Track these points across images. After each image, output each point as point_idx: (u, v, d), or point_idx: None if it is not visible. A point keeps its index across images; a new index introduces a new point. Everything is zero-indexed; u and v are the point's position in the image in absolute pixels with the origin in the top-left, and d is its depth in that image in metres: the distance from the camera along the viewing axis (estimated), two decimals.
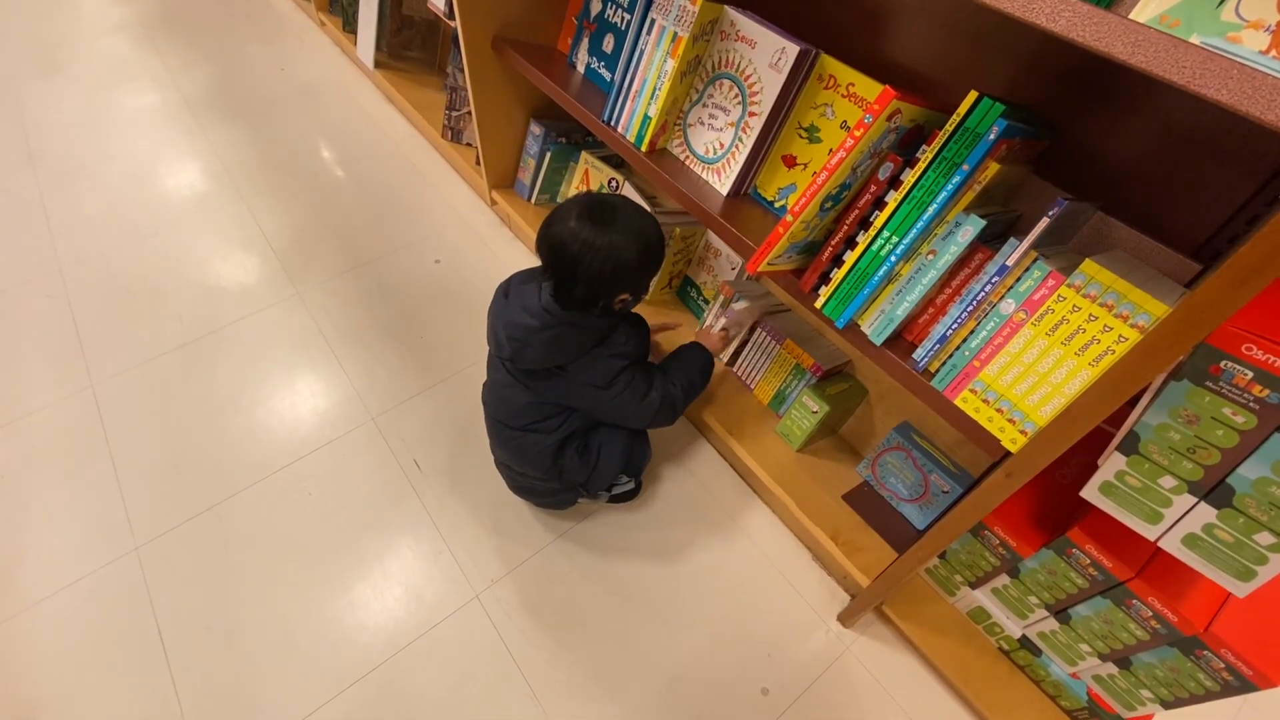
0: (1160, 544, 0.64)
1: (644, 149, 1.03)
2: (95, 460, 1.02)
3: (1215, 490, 0.58)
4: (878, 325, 0.80)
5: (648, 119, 1.01)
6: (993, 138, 0.66)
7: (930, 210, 0.71)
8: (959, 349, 0.74)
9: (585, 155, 1.41)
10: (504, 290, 0.91)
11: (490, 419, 0.97)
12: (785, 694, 0.93)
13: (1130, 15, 0.63)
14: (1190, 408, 0.57)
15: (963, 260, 0.74)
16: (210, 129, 1.70)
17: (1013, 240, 0.70)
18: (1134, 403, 0.66)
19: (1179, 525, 0.62)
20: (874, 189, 0.78)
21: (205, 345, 1.20)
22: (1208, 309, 0.48)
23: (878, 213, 0.76)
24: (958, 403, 0.74)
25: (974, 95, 0.66)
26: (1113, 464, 0.64)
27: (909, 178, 0.73)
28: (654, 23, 0.95)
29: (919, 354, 0.78)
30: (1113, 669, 0.83)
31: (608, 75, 1.17)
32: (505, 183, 1.56)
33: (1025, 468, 0.67)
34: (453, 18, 1.25)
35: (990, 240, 0.74)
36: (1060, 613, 0.85)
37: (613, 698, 0.89)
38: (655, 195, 1.34)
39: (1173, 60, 0.47)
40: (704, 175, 1.02)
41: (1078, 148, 0.80)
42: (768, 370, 1.19)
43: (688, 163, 1.04)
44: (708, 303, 1.32)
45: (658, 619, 0.97)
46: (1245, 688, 0.72)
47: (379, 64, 1.90)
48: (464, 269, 1.46)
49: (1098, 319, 0.64)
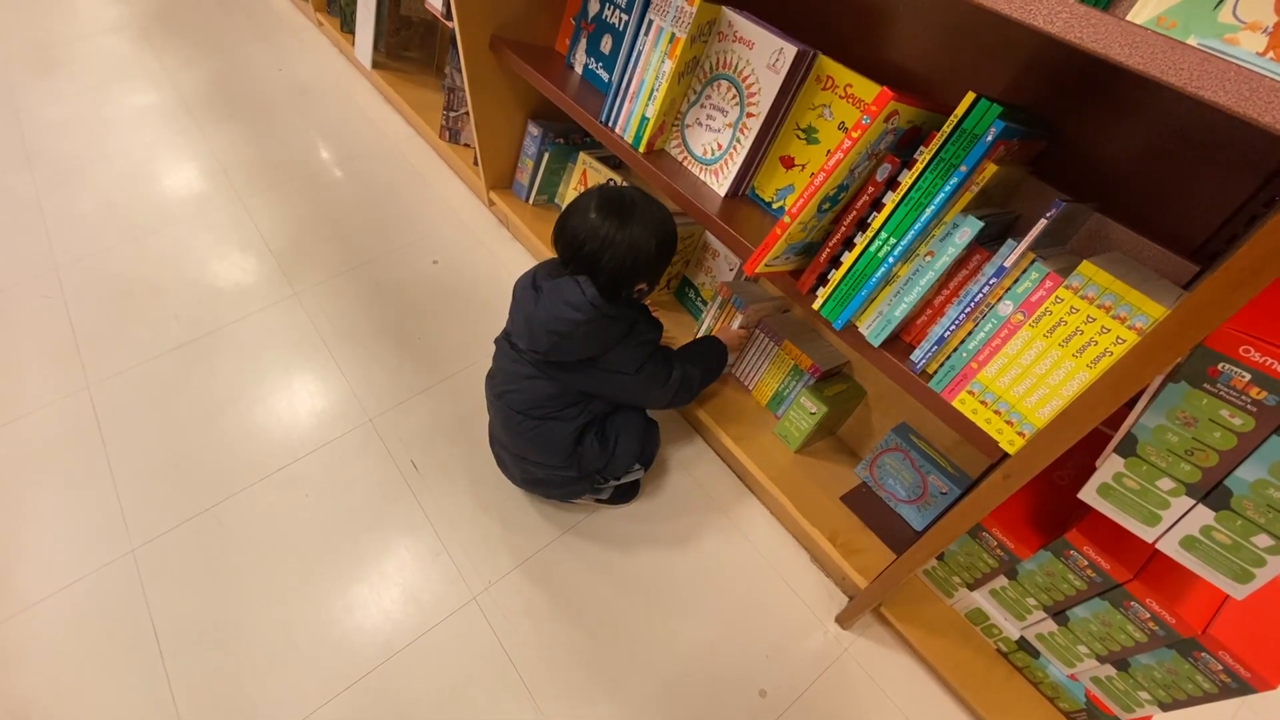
0: (1158, 546, 0.64)
1: (642, 150, 1.02)
2: (91, 461, 1.02)
3: (1213, 492, 0.58)
4: (875, 326, 0.80)
5: (645, 120, 1.00)
6: (990, 139, 0.66)
7: (928, 211, 0.71)
8: (957, 350, 0.74)
9: (583, 156, 1.41)
10: (531, 285, 0.90)
11: (507, 411, 0.95)
12: (783, 696, 0.93)
13: (1128, 17, 0.63)
14: (1188, 410, 0.57)
15: (960, 261, 0.74)
16: (208, 128, 1.70)
17: (1010, 241, 0.69)
18: (1132, 404, 0.66)
19: (1177, 527, 0.62)
20: (872, 190, 0.78)
21: (202, 346, 1.20)
22: (1206, 311, 0.48)
23: (875, 214, 0.76)
24: (955, 404, 0.74)
25: (971, 96, 0.66)
26: (1110, 466, 0.64)
27: (907, 179, 0.72)
28: (651, 24, 0.95)
29: (917, 355, 0.78)
30: (1111, 671, 0.83)
31: (605, 76, 1.17)
32: (503, 183, 1.56)
33: (1023, 469, 0.67)
34: (450, 18, 1.24)
35: (988, 241, 0.74)
36: (1058, 614, 0.85)
37: (611, 699, 0.89)
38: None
39: (1170, 62, 0.47)
40: (702, 176, 1.02)
41: (1075, 149, 0.80)
42: (766, 371, 1.19)
43: (686, 163, 1.04)
44: (706, 304, 1.32)
45: (655, 621, 0.97)
46: (1243, 690, 0.72)
47: (377, 64, 1.90)
48: (462, 269, 1.46)
49: (1095, 320, 0.64)
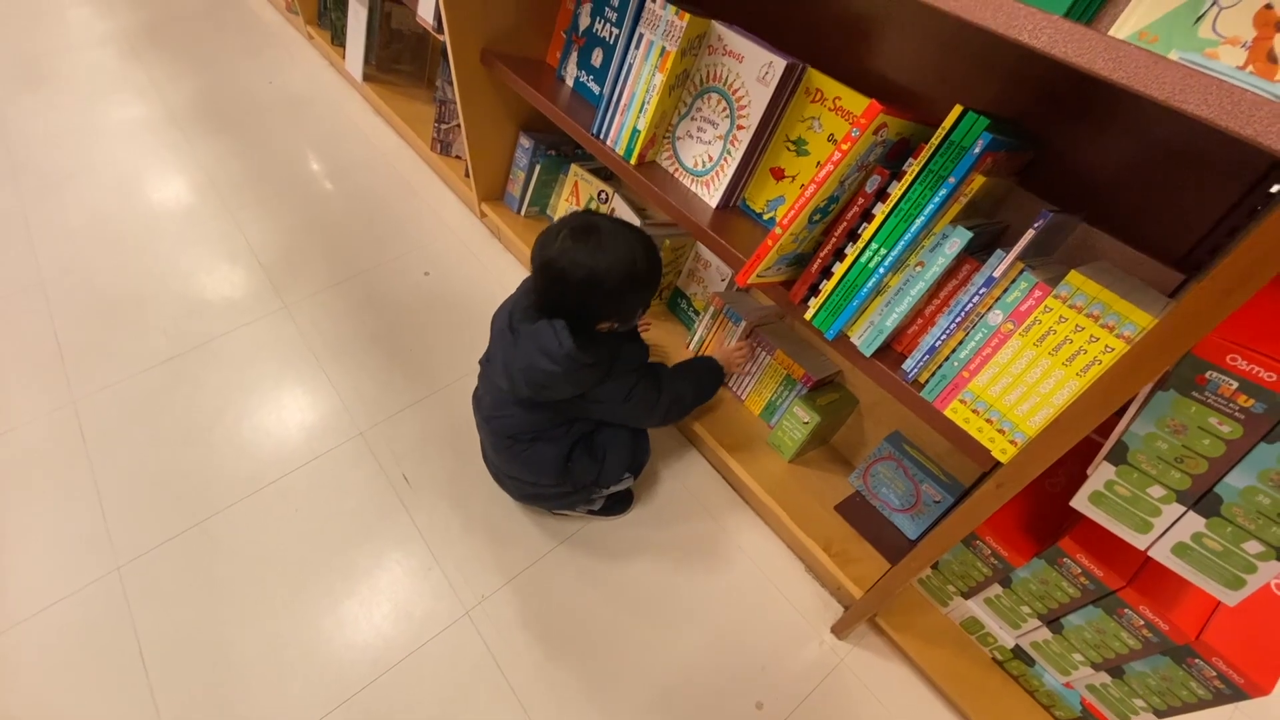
0: (1150, 553, 0.65)
1: (633, 162, 1.03)
2: (76, 477, 1.00)
3: (1203, 499, 0.59)
4: (867, 336, 0.80)
5: (636, 132, 1.01)
6: (978, 151, 0.67)
7: (917, 222, 0.72)
8: (948, 360, 0.74)
9: (575, 168, 1.41)
10: (508, 328, 0.88)
11: (495, 436, 0.96)
12: (780, 707, 0.92)
13: (1110, 31, 0.64)
14: (1177, 417, 0.57)
15: (950, 272, 0.75)
16: (197, 141, 1.69)
17: (999, 252, 0.70)
18: (1122, 412, 0.66)
19: (1169, 534, 0.62)
20: (862, 201, 0.78)
21: (190, 360, 1.19)
22: (1193, 320, 0.49)
23: (866, 225, 0.77)
24: (947, 413, 0.74)
25: (959, 109, 0.67)
26: (1102, 474, 0.64)
27: (896, 190, 0.73)
28: (642, 37, 0.95)
29: (908, 365, 0.78)
30: (1106, 678, 0.83)
31: (596, 89, 1.18)
32: (495, 195, 1.56)
33: (1015, 478, 0.67)
34: (441, 31, 1.25)
35: (977, 251, 0.75)
36: (1053, 622, 0.85)
37: (605, 713, 0.88)
38: (645, 207, 1.35)
39: (1153, 76, 0.48)
40: (693, 187, 1.03)
41: (1062, 160, 0.81)
42: (759, 381, 1.19)
43: (677, 175, 1.04)
44: (698, 314, 1.32)
45: (650, 633, 0.97)
46: (1237, 696, 0.72)
47: (368, 77, 1.90)
48: (454, 281, 1.45)
49: (1084, 329, 0.64)
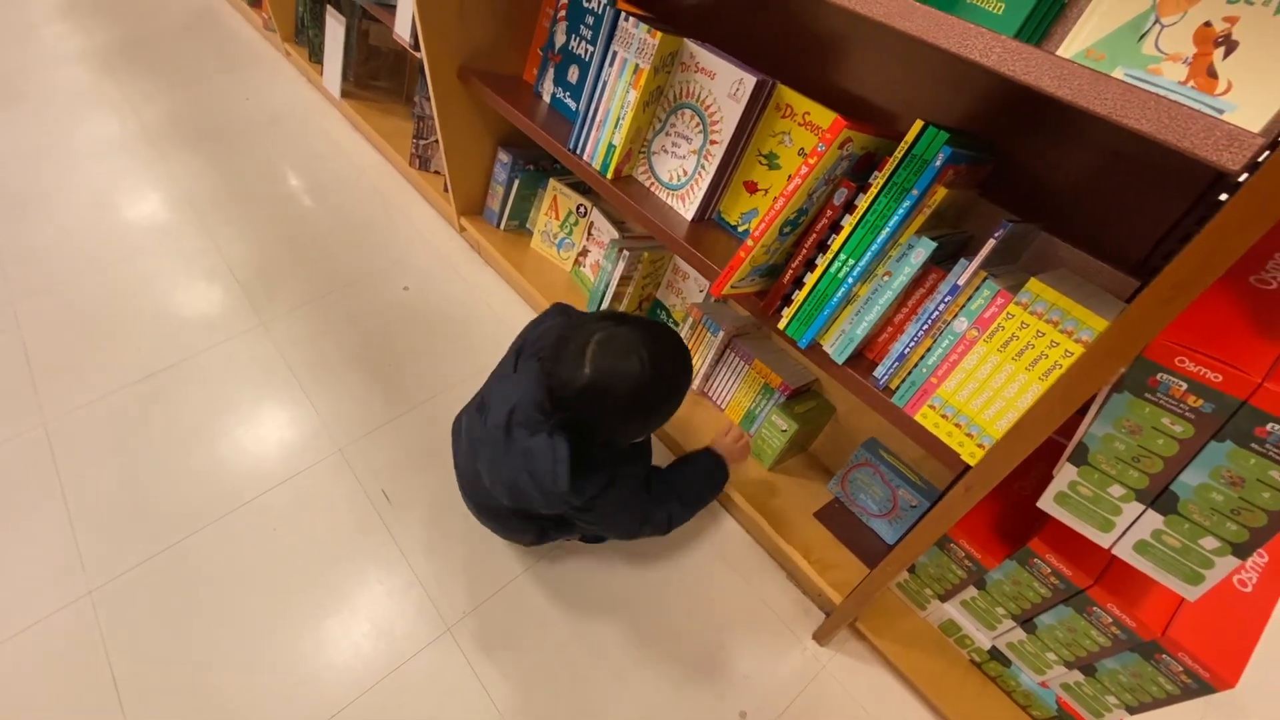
0: (1114, 551, 0.66)
1: (609, 176, 1.04)
2: (46, 501, 0.98)
3: (1161, 497, 0.61)
4: (839, 345, 0.82)
5: (612, 147, 1.03)
6: (939, 164, 0.69)
7: (884, 233, 0.74)
8: (917, 366, 0.76)
9: (553, 182, 1.43)
10: (505, 425, 0.80)
11: (474, 501, 0.94)
12: (763, 716, 0.92)
13: (1060, 48, 0.67)
14: (1132, 418, 0.59)
15: (917, 280, 0.77)
16: (171, 158, 1.68)
17: (963, 261, 0.72)
18: (1084, 414, 0.68)
19: (1130, 532, 0.64)
20: (830, 214, 0.80)
21: (166, 379, 1.18)
22: (1141, 324, 0.51)
23: (835, 236, 0.78)
24: (918, 418, 0.76)
25: (920, 124, 0.69)
26: (1065, 475, 0.66)
27: (862, 202, 0.75)
28: (616, 55, 0.97)
29: (879, 372, 0.80)
30: (1079, 676, 0.85)
31: (573, 105, 1.20)
32: (474, 209, 1.57)
33: (983, 480, 0.69)
34: (418, 49, 1.26)
35: (943, 261, 0.77)
36: (1026, 622, 0.87)
37: None
38: (624, 221, 1.36)
39: (1095, 92, 0.51)
40: (669, 201, 1.04)
41: (1022, 171, 0.84)
42: (737, 390, 1.20)
43: (653, 189, 1.06)
44: (677, 325, 1.34)
45: (633, 645, 0.97)
46: (1204, 689, 0.74)
47: (346, 93, 1.90)
48: (433, 295, 1.45)
49: (1045, 335, 0.66)
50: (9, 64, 1.92)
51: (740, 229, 1.01)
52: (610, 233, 1.33)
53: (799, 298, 0.82)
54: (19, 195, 1.48)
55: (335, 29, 1.83)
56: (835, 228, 0.79)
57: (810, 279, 0.81)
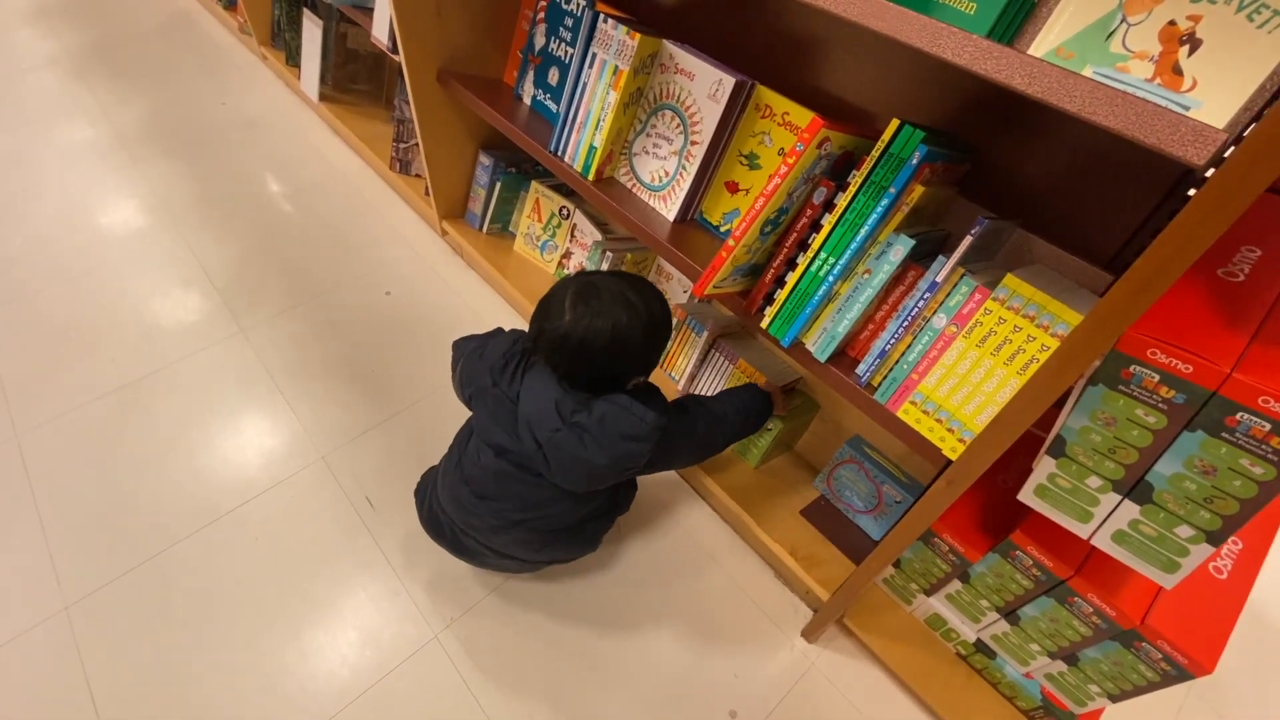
0: (1093, 542, 0.67)
1: (591, 178, 1.04)
2: (19, 516, 0.96)
3: (1136, 487, 0.62)
4: (821, 343, 0.82)
5: (593, 149, 1.02)
6: (915, 162, 0.70)
7: (863, 231, 0.75)
8: (898, 363, 0.77)
9: (535, 185, 1.42)
10: (566, 424, 0.78)
11: (507, 530, 0.86)
12: (753, 715, 0.92)
13: (1031, 47, 0.68)
14: (1107, 410, 0.60)
15: (896, 278, 0.78)
16: (146, 164, 1.65)
17: (941, 258, 0.73)
18: (1061, 407, 0.69)
19: (1108, 523, 0.65)
20: (810, 213, 0.81)
21: (142, 388, 1.15)
22: (1112, 317, 0.52)
23: (815, 235, 0.79)
24: (900, 414, 0.77)
25: (896, 123, 0.70)
26: (1044, 467, 0.67)
27: (841, 201, 0.76)
28: (595, 57, 0.97)
29: (861, 369, 0.81)
30: (1062, 666, 0.86)
31: (553, 107, 1.20)
32: (456, 213, 1.56)
33: (964, 474, 0.69)
34: (397, 52, 1.25)
35: (921, 258, 0.77)
36: (1010, 614, 0.88)
37: None
38: (606, 222, 1.36)
39: (1065, 90, 0.51)
40: (651, 202, 1.04)
41: (998, 169, 0.85)
42: (722, 389, 1.20)
43: (635, 190, 1.06)
44: None
45: (623, 648, 0.96)
46: (1182, 676, 0.75)
47: (324, 97, 1.89)
48: (415, 299, 1.44)
49: (1022, 330, 0.67)
50: None
51: (722, 229, 1.02)
52: (593, 234, 1.33)
53: (781, 297, 0.83)
54: None
55: (312, 32, 1.81)
56: (815, 226, 0.80)
57: (792, 278, 0.81)
